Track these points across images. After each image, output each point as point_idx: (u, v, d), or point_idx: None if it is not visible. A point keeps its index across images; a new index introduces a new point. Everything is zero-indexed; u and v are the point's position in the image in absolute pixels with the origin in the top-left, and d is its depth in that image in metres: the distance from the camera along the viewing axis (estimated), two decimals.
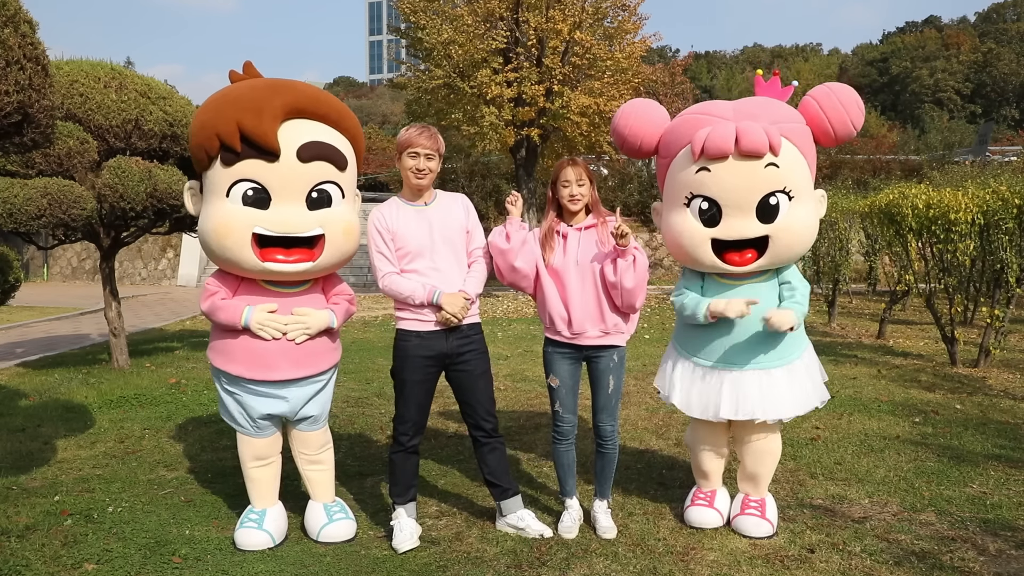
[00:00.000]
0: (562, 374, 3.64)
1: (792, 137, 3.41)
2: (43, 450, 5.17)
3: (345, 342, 10.26)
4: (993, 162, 24.87)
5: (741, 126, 3.30)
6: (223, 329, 3.46)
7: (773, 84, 3.65)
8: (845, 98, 3.45)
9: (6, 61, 3.34)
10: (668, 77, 25.95)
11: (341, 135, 3.46)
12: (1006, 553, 3.39)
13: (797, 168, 3.42)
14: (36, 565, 3.36)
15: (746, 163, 3.33)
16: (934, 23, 70.45)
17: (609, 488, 3.74)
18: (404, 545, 3.48)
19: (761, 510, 3.65)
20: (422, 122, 3.87)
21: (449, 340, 3.55)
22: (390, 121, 48.85)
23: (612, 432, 3.67)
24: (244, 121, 3.18)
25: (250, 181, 3.26)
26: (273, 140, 3.21)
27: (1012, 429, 5.38)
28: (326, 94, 3.48)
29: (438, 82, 16.46)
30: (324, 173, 3.35)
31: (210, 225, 3.33)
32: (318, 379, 3.57)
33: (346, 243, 3.48)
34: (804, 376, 3.60)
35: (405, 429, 3.60)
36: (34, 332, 12.03)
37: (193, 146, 3.39)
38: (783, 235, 3.41)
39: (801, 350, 3.62)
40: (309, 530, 3.67)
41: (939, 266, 8.03)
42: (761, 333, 3.50)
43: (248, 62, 3.53)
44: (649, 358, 8.67)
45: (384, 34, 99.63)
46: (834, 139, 3.51)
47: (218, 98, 3.34)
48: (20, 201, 6.56)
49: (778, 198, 3.38)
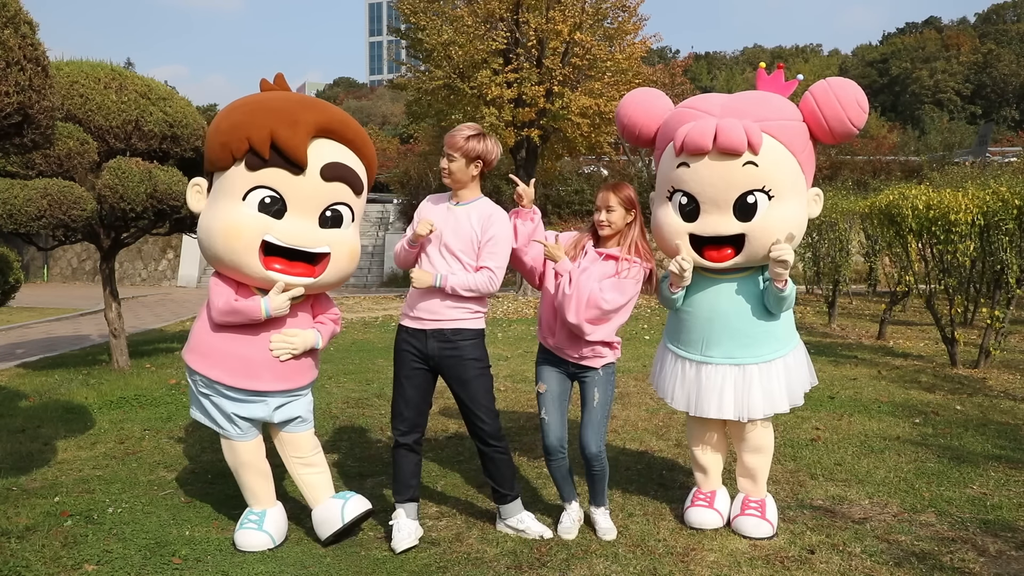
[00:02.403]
0: (549, 381, 3.63)
1: (779, 134, 3.36)
2: (43, 451, 5.17)
3: (345, 342, 10.26)
4: (993, 163, 24.89)
5: (721, 123, 3.30)
6: (209, 329, 3.45)
7: (776, 78, 3.58)
8: (843, 94, 3.37)
9: (6, 62, 3.34)
10: (668, 78, 25.94)
11: (360, 161, 3.52)
12: (1006, 554, 3.39)
13: (781, 167, 3.37)
14: (36, 566, 3.36)
15: (724, 160, 3.34)
16: (934, 24, 70.47)
17: (603, 497, 3.71)
18: (400, 544, 3.48)
19: (761, 511, 3.64)
20: (424, 122, 3.93)
21: (429, 341, 3.56)
22: (390, 122, 48.84)
23: (598, 455, 3.56)
24: (279, 131, 3.22)
25: (270, 189, 3.29)
26: (303, 154, 3.26)
27: (1012, 430, 5.38)
28: (352, 119, 3.55)
29: (438, 83, 16.46)
30: (341, 194, 3.42)
31: (219, 226, 3.33)
32: (296, 393, 3.60)
33: (349, 265, 3.55)
34: (780, 377, 3.55)
35: (396, 423, 3.63)
36: (34, 333, 12.03)
37: (217, 144, 3.36)
38: (759, 234, 3.39)
39: (781, 350, 3.56)
40: (330, 524, 3.55)
41: (939, 267, 8.03)
42: (736, 328, 3.51)
43: (280, 74, 3.59)
44: (649, 359, 8.66)
45: (384, 35, 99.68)
46: (832, 137, 3.45)
47: (252, 103, 3.37)
48: (20, 202, 6.56)
49: (756, 197, 3.36)
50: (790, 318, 3.65)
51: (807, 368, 3.71)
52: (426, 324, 3.56)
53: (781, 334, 3.57)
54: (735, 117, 3.34)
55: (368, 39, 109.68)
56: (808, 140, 3.47)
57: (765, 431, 3.68)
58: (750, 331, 3.50)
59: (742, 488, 3.75)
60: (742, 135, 3.27)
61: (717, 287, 3.55)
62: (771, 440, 3.72)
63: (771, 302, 3.47)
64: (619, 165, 25.83)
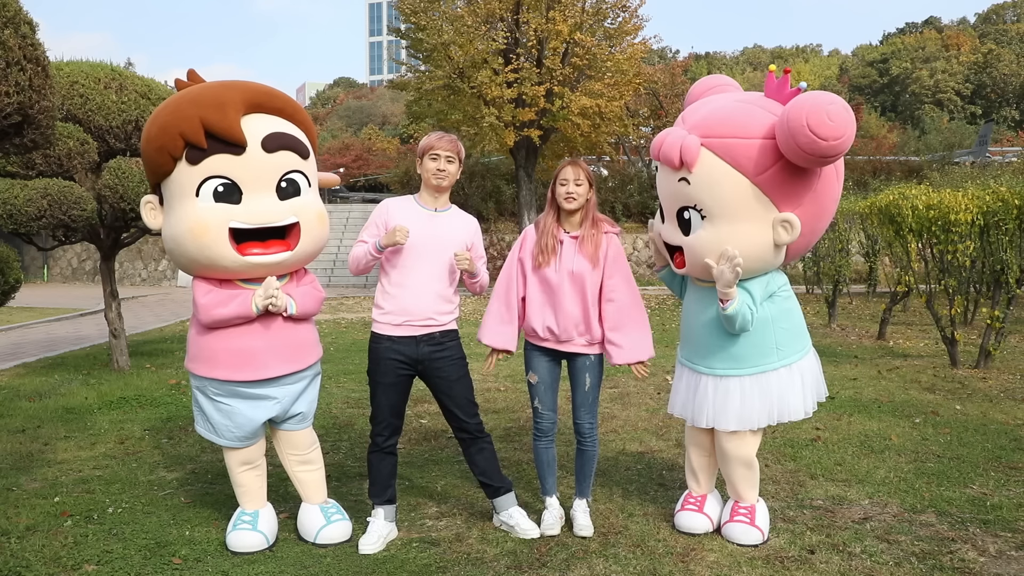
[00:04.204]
0: (541, 371, 3.69)
1: (725, 153, 3.18)
2: (43, 451, 5.17)
3: (344, 342, 10.27)
4: (993, 163, 24.90)
5: (666, 135, 3.33)
6: (204, 335, 3.43)
7: (782, 85, 3.32)
8: (793, 117, 2.99)
9: (6, 62, 3.35)
10: (668, 78, 25.98)
11: (296, 127, 3.49)
12: (1006, 554, 3.39)
13: (717, 187, 3.21)
14: (36, 566, 3.36)
15: (668, 173, 3.40)
16: (934, 24, 70.38)
17: (589, 487, 3.76)
18: (367, 548, 3.48)
19: (750, 517, 3.58)
20: (425, 123, 3.95)
21: (420, 346, 3.58)
22: (390, 122, 48.77)
23: (591, 429, 3.69)
24: (208, 116, 3.18)
25: (219, 177, 3.25)
26: (239, 132, 3.22)
27: (1012, 430, 5.38)
28: (277, 90, 3.51)
29: (438, 83, 16.47)
30: (290, 162, 3.38)
31: (184, 227, 3.29)
32: (304, 374, 3.60)
33: (320, 230, 3.52)
34: (760, 392, 3.44)
35: (380, 430, 3.64)
36: (34, 333, 12.04)
37: (152, 151, 3.31)
38: (691, 251, 3.40)
39: (761, 366, 3.44)
40: (305, 533, 3.65)
41: (939, 267, 8.03)
42: (713, 339, 3.50)
43: (191, 70, 3.55)
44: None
45: (384, 35, 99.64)
46: (797, 160, 3.09)
47: (173, 102, 3.32)
48: (20, 202, 6.57)
49: (690, 214, 3.36)
50: (765, 341, 3.43)
51: (801, 387, 3.51)
52: (417, 330, 3.57)
53: (741, 354, 3.44)
54: (700, 130, 3.28)
55: (368, 39, 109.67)
56: (777, 159, 3.14)
57: (734, 441, 3.53)
58: (726, 343, 3.47)
59: (731, 494, 3.72)
60: (675, 150, 3.25)
61: (702, 296, 3.56)
62: (743, 452, 3.54)
63: (722, 319, 3.39)
64: (619, 165, 25.84)
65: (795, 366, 3.52)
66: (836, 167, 3.33)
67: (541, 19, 15.96)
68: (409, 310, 3.56)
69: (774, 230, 3.25)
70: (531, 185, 17.89)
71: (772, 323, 3.45)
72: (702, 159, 3.23)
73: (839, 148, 3.00)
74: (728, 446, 3.55)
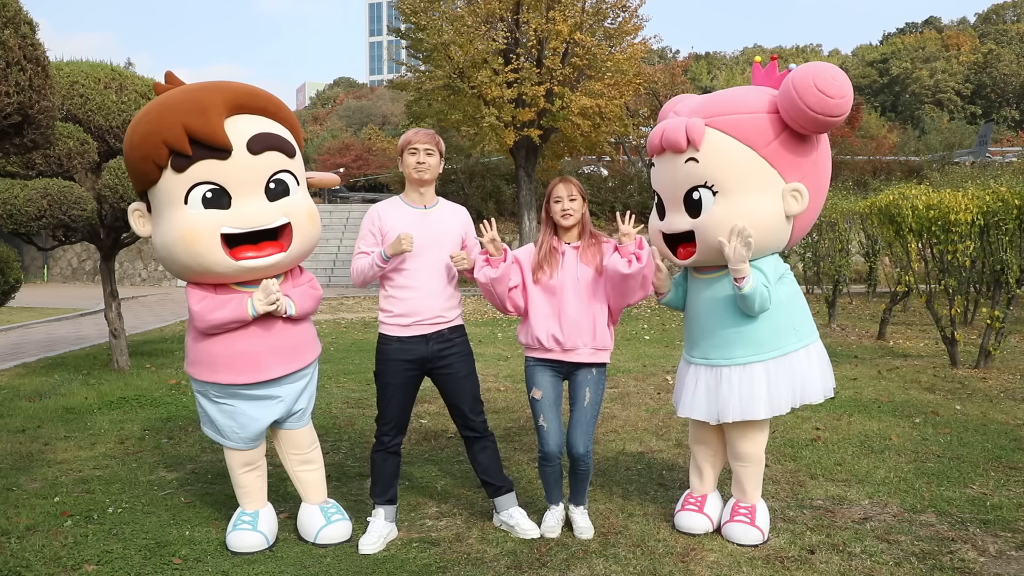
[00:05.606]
0: (544, 386, 3.61)
1: (732, 129, 3.29)
2: (43, 451, 5.17)
3: (345, 342, 10.27)
4: (993, 163, 24.92)
5: (666, 122, 3.38)
6: (202, 339, 3.41)
7: (770, 71, 3.51)
8: (799, 81, 3.15)
9: (6, 62, 3.35)
10: (668, 78, 25.99)
11: (281, 125, 3.45)
12: (1006, 554, 3.39)
13: (727, 162, 3.30)
14: (36, 566, 3.36)
15: (671, 158, 3.42)
16: (934, 24, 70.38)
17: (584, 497, 3.72)
18: (367, 547, 3.48)
19: (751, 517, 3.57)
20: (425, 123, 3.96)
21: (430, 345, 3.59)
22: (390, 122, 48.75)
23: (586, 455, 3.56)
24: (191, 122, 3.13)
25: (207, 183, 3.21)
26: (223, 136, 3.19)
27: (1012, 430, 5.38)
28: (259, 89, 3.48)
29: (438, 83, 16.46)
30: (277, 163, 3.35)
31: (175, 235, 3.25)
32: (304, 372, 3.60)
33: (312, 228, 3.49)
34: (758, 382, 3.43)
35: (387, 430, 3.65)
36: (34, 333, 12.04)
37: (136, 160, 3.28)
38: (705, 231, 3.39)
39: (761, 354, 3.44)
40: (305, 533, 3.65)
41: (939, 267, 8.03)
42: (710, 329, 3.51)
43: (169, 72, 3.50)
44: (649, 359, 8.68)
45: (384, 35, 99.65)
46: (803, 126, 3.24)
47: (154, 108, 3.27)
48: (20, 202, 6.57)
49: (700, 193, 3.37)
50: (782, 322, 3.44)
51: (819, 368, 3.54)
52: (426, 329, 3.58)
53: (762, 338, 3.42)
54: (701, 112, 3.36)
55: (368, 39, 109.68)
56: (780, 132, 3.29)
57: (748, 439, 3.54)
58: (722, 332, 3.47)
59: (734, 493, 3.72)
60: (681, 132, 3.31)
61: (699, 287, 3.59)
62: (757, 449, 3.57)
63: (739, 301, 3.41)
64: (619, 165, 25.86)
65: (811, 347, 3.56)
66: (824, 142, 3.51)
67: (541, 19, 15.97)
68: (419, 311, 3.57)
69: (784, 200, 3.35)
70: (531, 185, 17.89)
71: (788, 303, 3.48)
72: (708, 137, 3.32)
73: (844, 106, 3.19)
74: (742, 443, 3.56)
